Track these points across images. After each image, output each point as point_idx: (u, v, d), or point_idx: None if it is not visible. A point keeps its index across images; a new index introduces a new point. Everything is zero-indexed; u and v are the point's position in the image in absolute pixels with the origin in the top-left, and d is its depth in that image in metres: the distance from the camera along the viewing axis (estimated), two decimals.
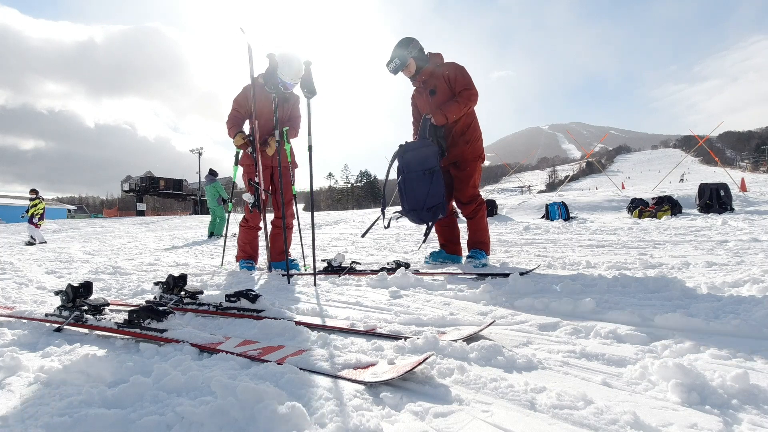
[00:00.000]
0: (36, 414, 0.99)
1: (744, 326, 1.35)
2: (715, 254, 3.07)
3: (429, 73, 3.12)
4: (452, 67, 3.04)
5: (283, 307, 1.97)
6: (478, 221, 3.08)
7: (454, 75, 3.01)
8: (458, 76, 3.00)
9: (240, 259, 3.57)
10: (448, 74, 3.02)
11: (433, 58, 3.15)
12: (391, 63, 3.14)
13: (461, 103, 2.96)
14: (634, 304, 1.74)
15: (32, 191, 10.51)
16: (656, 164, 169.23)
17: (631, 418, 0.86)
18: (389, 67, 3.17)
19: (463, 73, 3.02)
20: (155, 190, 43.45)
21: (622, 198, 9.63)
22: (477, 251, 3.01)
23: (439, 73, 3.07)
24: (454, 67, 3.04)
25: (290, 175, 3.57)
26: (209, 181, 9.73)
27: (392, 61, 3.13)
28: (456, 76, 3.01)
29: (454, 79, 3.01)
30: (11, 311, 2.00)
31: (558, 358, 1.24)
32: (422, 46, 3.16)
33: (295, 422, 0.90)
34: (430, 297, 2.13)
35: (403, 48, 3.10)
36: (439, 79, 3.06)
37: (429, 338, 1.35)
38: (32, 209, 10.03)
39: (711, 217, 6.55)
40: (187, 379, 1.11)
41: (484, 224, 3.09)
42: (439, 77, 3.06)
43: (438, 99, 3.07)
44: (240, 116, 3.43)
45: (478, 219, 3.08)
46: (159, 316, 1.61)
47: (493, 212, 9.63)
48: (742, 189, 10.34)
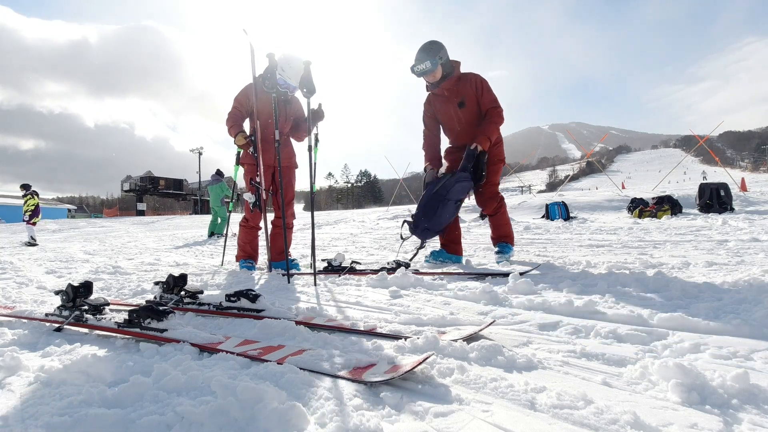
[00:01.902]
0: (36, 414, 0.99)
1: (744, 326, 1.35)
2: (715, 254, 3.07)
3: (455, 82, 3.08)
4: (478, 81, 3.06)
5: (283, 306, 1.97)
6: (501, 217, 3.20)
7: (482, 89, 3.06)
8: (485, 91, 3.06)
9: (240, 258, 3.57)
10: (474, 88, 3.05)
11: (455, 66, 3.11)
12: (420, 66, 3.01)
13: (497, 122, 3.04)
14: (634, 303, 1.74)
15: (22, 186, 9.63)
16: (656, 164, 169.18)
17: (631, 418, 0.86)
18: (417, 69, 3.05)
19: (489, 88, 3.07)
20: (155, 189, 43.46)
21: (622, 198, 9.63)
22: (504, 245, 3.18)
23: (465, 84, 3.06)
24: (481, 81, 3.07)
25: (292, 176, 3.58)
26: (214, 181, 9.75)
27: (422, 64, 3.01)
28: (483, 91, 3.06)
29: (481, 93, 3.06)
30: (11, 311, 2.00)
31: (558, 358, 1.24)
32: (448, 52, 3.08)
33: (295, 422, 0.90)
34: (430, 297, 2.13)
35: (433, 53, 3.00)
36: (466, 91, 3.05)
37: (429, 338, 1.35)
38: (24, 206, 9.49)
39: (711, 217, 6.55)
40: (187, 379, 1.11)
41: (506, 219, 3.23)
42: (466, 89, 3.06)
43: (467, 112, 3.10)
44: (240, 115, 3.40)
45: (501, 215, 3.20)
46: (159, 316, 1.61)
47: None
48: (742, 189, 10.34)
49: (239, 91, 3.43)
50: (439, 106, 3.21)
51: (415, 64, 3.05)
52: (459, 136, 3.22)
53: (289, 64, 3.18)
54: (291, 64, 3.18)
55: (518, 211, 10.09)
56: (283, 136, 3.47)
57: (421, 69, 3.02)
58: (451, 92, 3.11)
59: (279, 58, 3.18)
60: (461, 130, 3.19)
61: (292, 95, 3.46)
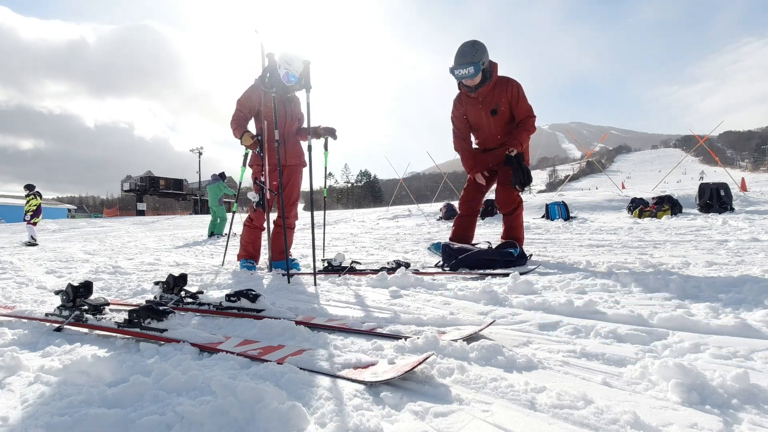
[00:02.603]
0: (36, 413, 0.99)
1: (744, 326, 1.35)
2: (715, 254, 3.07)
3: (491, 89, 3.03)
4: (514, 89, 3.02)
5: (283, 306, 1.97)
6: (516, 218, 3.21)
7: (517, 97, 3.03)
8: (521, 99, 3.04)
9: (241, 258, 3.57)
10: (509, 95, 3.02)
11: (494, 70, 3.02)
12: (463, 71, 2.89)
13: (530, 131, 3.04)
14: (634, 303, 1.74)
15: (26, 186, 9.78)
16: (656, 164, 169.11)
17: (632, 418, 0.85)
18: (459, 74, 2.93)
19: (524, 97, 3.04)
20: (155, 189, 43.44)
21: (622, 198, 9.63)
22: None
23: (500, 91, 3.02)
24: (517, 89, 3.02)
25: (299, 175, 3.58)
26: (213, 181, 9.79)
27: (464, 69, 2.88)
28: (519, 100, 3.04)
29: (516, 102, 3.04)
30: (11, 311, 2.00)
31: (558, 358, 1.24)
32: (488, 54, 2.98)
33: (295, 422, 0.90)
34: (430, 297, 2.13)
35: (477, 57, 2.88)
36: (501, 99, 3.03)
37: (429, 338, 1.35)
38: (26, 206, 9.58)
39: (711, 217, 6.55)
40: (187, 379, 1.11)
41: (520, 221, 3.23)
42: (501, 96, 3.02)
43: (499, 118, 3.09)
44: (243, 117, 3.39)
45: (516, 216, 3.21)
46: (159, 316, 1.61)
47: (493, 212, 9.63)
48: (742, 189, 10.34)
49: (242, 94, 3.42)
50: (471, 109, 3.16)
51: (456, 68, 2.92)
52: (487, 140, 3.22)
53: (293, 60, 3.20)
54: (292, 59, 3.20)
55: None
56: (291, 135, 3.48)
57: (464, 74, 2.91)
58: (486, 98, 3.06)
59: (281, 55, 3.20)
60: (490, 134, 3.18)
61: (292, 94, 3.47)
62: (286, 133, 3.45)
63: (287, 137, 3.46)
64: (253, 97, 3.34)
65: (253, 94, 3.34)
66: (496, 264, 2.73)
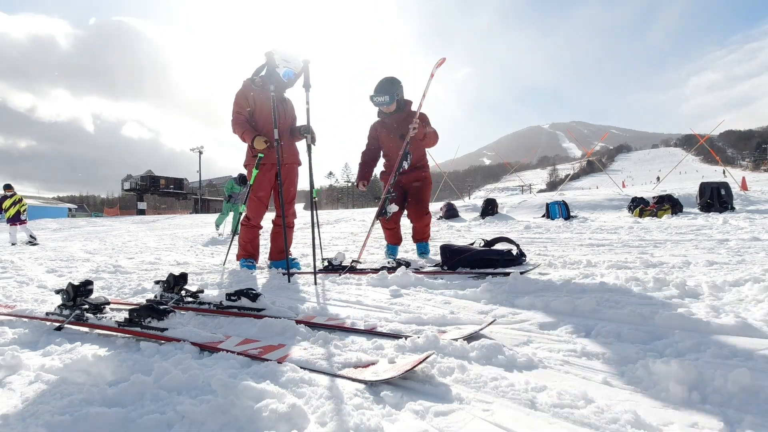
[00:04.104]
0: (37, 412, 0.99)
1: (745, 325, 1.35)
2: (715, 253, 3.07)
3: (403, 118, 3.54)
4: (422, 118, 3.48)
5: (283, 306, 1.97)
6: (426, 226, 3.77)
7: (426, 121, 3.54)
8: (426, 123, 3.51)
9: (241, 257, 3.57)
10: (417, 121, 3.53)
11: (407, 104, 3.61)
12: (380, 98, 3.47)
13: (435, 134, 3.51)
14: (635, 303, 1.74)
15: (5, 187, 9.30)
16: (657, 163, 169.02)
17: (632, 417, 0.85)
18: (377, 100, 3.49)
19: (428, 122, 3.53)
20: (156, 188, 43.42)
21: (622, 197, 9.62)
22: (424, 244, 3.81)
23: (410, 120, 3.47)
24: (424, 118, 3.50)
25: (295, 174, 3.57)
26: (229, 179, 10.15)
27: (381, 97, 3.46)
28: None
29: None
30: (12, 310, 2.00)
31: (558, 357, 1.24)
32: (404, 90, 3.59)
33: (295, 421, 0.90)
34: (430, 296, 2.13)
35: (392, 90, 3.45)
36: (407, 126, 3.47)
37: (429, 337, 1.35)
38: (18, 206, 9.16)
39: (712, 216, 6.55)
40: (187, 378, 1.11)
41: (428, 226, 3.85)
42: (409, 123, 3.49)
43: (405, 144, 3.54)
44: (245, 119, 3.34)
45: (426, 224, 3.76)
46: (159, 315, 1.61)
47: (493, 211, 9.63)
48: (742, 188, 10.33)
49: (235, 96, 3.38)
50: (384, 133, 3.67)
51: (374, 96, 3.50)
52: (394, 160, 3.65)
53: (292, 59, 3.19)
54: (293, 59, 3.20)
55: (519, 210, 10.09)
56: (286, 134, 3.47)
57: (379, 101, 3.50)
58: (398, 125, 3.57)
59: (281, 54, 3.19)
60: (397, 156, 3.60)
61: (284, 94, 3.47)
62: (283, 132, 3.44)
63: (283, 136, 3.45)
64: (249, 97, 3.33)
65: (248, 94, 3.33)
66: (497, 263, 2.73)
